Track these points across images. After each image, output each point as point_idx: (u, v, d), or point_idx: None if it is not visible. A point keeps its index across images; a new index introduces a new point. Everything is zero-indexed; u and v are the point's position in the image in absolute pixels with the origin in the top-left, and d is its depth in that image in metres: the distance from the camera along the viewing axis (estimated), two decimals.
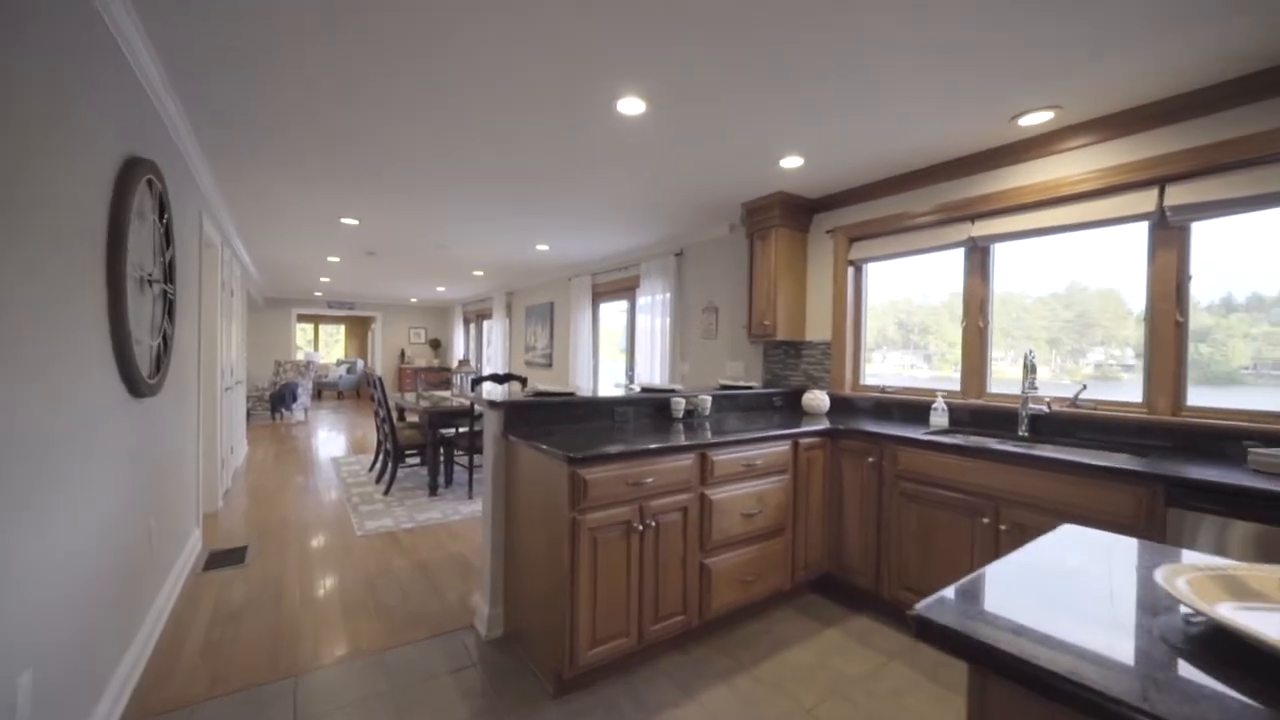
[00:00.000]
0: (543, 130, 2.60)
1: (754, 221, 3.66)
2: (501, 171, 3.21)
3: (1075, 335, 2.69)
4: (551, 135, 2.65)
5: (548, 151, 2.87)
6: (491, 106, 2.38)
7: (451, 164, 3.10)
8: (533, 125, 2.55)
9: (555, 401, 2.47)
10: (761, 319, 3.59)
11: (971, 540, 2.21)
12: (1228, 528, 1.62)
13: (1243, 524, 1.59)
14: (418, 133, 2.69)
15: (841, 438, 2.73)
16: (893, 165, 2.98)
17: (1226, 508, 1.62)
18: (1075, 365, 2.66)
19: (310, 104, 2.38)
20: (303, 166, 3.19)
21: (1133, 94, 2.15)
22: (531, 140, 2.72)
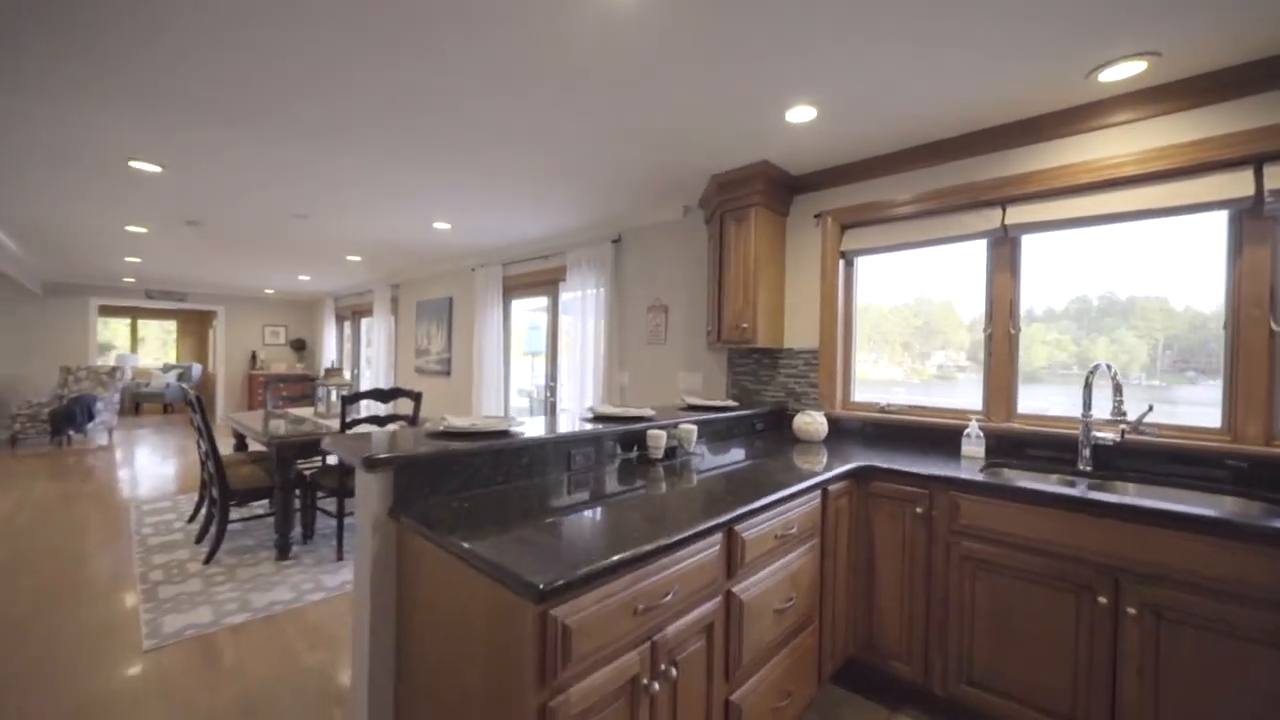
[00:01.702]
0: (467, 35, 1.63)
1: (726, 199, 2.93)
2: (391, 102, 2.15)
3: (922, 340, 2.82)
4: (479, 39, 1.69)
5: (469, 66, 1.89)
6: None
7: (308, 83, 2.00)
8: (448, 27, 1.57)
9: (480, 449, 1.52)
10: (737, 321, 2.87)
11: (1076, 626, 1.63)
12: None
13: None
14: (247, 26, 1.59)
15: (873, 479, 2.07)
16: (908, 135, 2.40)
17: None
18: (922, 366, 2.80)
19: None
20: (53, 69, 1.89)
21: (1246, 43, 1.70)
22: (444, 49, 1.74)
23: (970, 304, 2.37)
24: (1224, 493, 1.78)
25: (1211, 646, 1.43)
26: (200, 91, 2.15)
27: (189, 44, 1.82)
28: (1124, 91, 1.98)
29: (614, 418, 2.10)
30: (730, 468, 1.94)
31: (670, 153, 2.71)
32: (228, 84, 2.09)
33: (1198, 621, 1.45)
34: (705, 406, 2.68)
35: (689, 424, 2.13)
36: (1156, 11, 1.56)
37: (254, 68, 1.97)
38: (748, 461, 2.07)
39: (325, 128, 2.48)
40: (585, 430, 1.84)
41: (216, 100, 2.23)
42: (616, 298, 4.04)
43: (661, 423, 2.09)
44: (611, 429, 1.93)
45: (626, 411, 2.13)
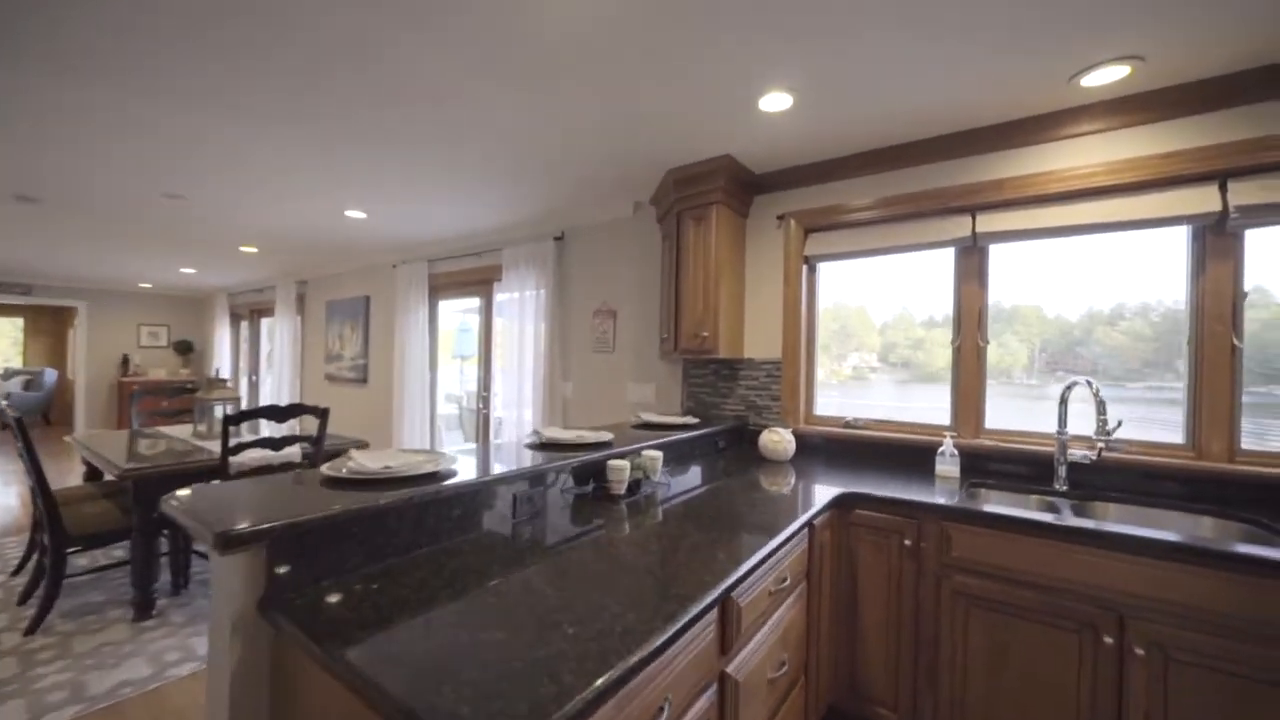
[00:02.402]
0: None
1: (684, 196, 2.68)
2: (288, 64, 1.71)
3: (839, 342, 2.86)
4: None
5: (391, 17, 1.50)
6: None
7: (179, 39, 1.51)
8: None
9: (396, 503, 1.15)
10: (696, 329, 2.62)
11: (1079, 668, 1.50)
12: None
13: None
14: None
15: (856, 508, 1.88)
16: (881, 135, 2.26)
17: None
18: (839, 368, 2.84)
19: None
20: None
21: (1224, 54, 1.66)
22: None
23: (881, 309, 2.51)
24: (1202, 513, 1.74)
25: (1222, 689, 1.34)
26: (27, 29, 1.59)
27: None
28: (1101, 99, 1.92)
29: (565, 445, 1.77)
30: (702, 500, 1.67)
31: (622, 142, 2.42)
32: (68, 24, 1.56)
33: (1208, 662, 1.35)
34: (663, 425, 2.41)
35: (653, 450, 1.85)
36: (1143, 12, 1.47)
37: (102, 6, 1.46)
38: (719, 490, 1.81)
39: (203, 89, 1.97)
40: (532, 466, 1.50)
41: (55, 44, 1.68)
42: (559, 300, 3.69)
43: (622, 450, 1.79)
44: (564, 460, 1.60)
45: (581, 437, 1.81)
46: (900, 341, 2.40)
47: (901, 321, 2.39)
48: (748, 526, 1.42)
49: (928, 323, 2.31)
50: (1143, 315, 2.11)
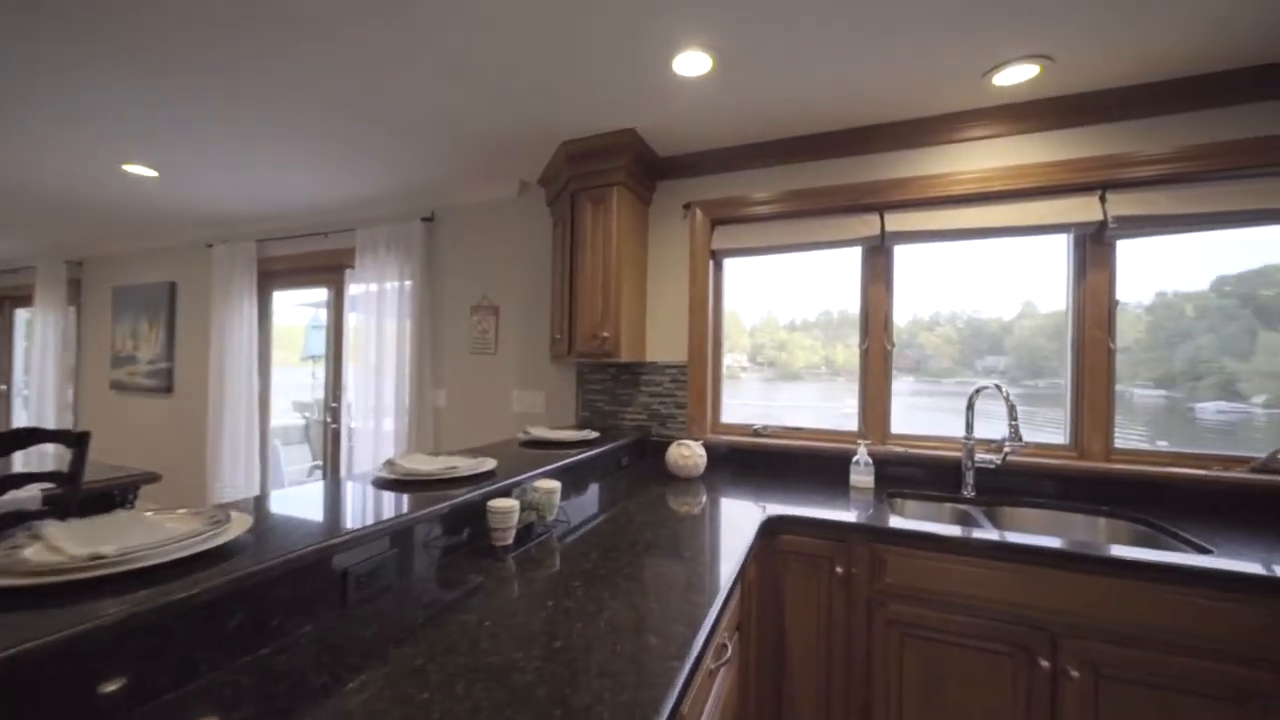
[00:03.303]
0: None
1: (581, 174, 2.32)
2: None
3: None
4: None
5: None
6: None
7: None
8: None
9: (102, 629, 0.65)
10: (594, 329, 2.27)
11: (1014, 693, 1.41)
12: None
13: None
14: None
15: (783, 533, 1.66)
16: (796, 121, 2.10)
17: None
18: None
19: None
20: None
21: (1134, 65, 1.70)
22: None
23: (750, 312, 2.54)
24: (1097, 514, 1.78)
25: (1143, 701, 1.30)
26: None
27: None
28: (1009, 101, 1.91)
29: (429, 481, 1.32)
30: (612, 542, 1.33)
31: (509, 105, 2.00)
32: None
33: (1134, 677, 1.30)
34: (558, 442, 2.03)
35: (549, 481, 1.46)
36: (1048, 10, 1.42)
37: None
38: (629, 523, 1.48)
39: None
40: (375, 525, 1.04)
41: None
42: (429, 293, 3.12)
43: (509, 484, 1.38)
44: (429, 507, 1.16)
45: (450, 468, 1.37)
46: (767, 343, 2.45)
47: (768, 325, 2.46)
48: (677, 583, 1.11)
49: (789, 326, 2.43)
50: (962, 319, 2.21)
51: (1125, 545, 1.66)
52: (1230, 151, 1.74)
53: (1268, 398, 1.84)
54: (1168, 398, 1.97)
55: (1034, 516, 1.84)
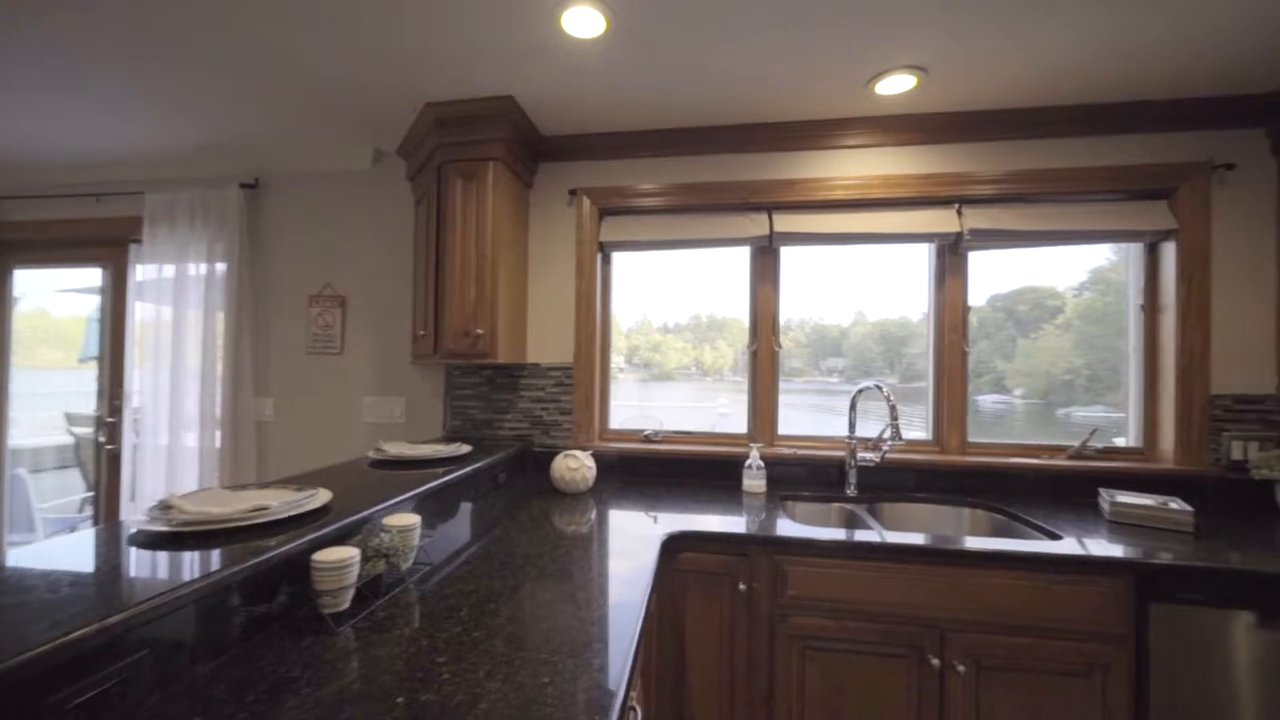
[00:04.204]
0: None
1: (450, 144, 1.99)
2: None
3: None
4: None
5: None
6: None
7: None
8: None
9: None
10: (467, 326, 1.96)
11: (905, 694, 1.40)
12: (1220, 621, 1.30)
13: (1227, 613, 1.30)
14: None
15: (683, 550, 1.51)
16: (691, 109, 1.99)
17: (1210, 596, 1.30)
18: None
19: None
20: None
21: (997, 90, 1.82)
22: None
23: (627, 314, 2.47)
24: (962, 505, 1.90)
25: (1018, 686, 1.36)
26: None
27: None
28: (890, 112, 1.98)
29: (228, 530, 0.94)
30: (491, 587, 1.07)
31: (362, 52, 1.62)
32: None
33: (1012, 663, 1.36)
34: (419, 460, 1.69)
35: (406, 516, 1.15)
36: (925, 22, 1.47)
37: None
38: (510, 558, 1.23)
39: None
40: (105, 623, 0.68)
41: None
42: (251, 279, 2.52)
43: (347, 524, 1.05)
44: (227, 568, 0.81)
45: (258, 510, 1.00)
46: (642, 345, 2.46)
47: (644, 327, 2.47)
48: (574, 640, 0.89)
49: (663, 329, 2.47)
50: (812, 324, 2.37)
51: (989, 535, 1.80)
52: (1057, 178, 1.96)
53: (1024, 391, 2.16)
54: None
55: (913, 512, 1.92)
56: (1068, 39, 1.55)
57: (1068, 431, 2.11)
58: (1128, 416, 2.07)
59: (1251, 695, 1.28)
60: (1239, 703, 1.28)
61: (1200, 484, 1.82)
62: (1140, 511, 1.60)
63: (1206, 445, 1.86)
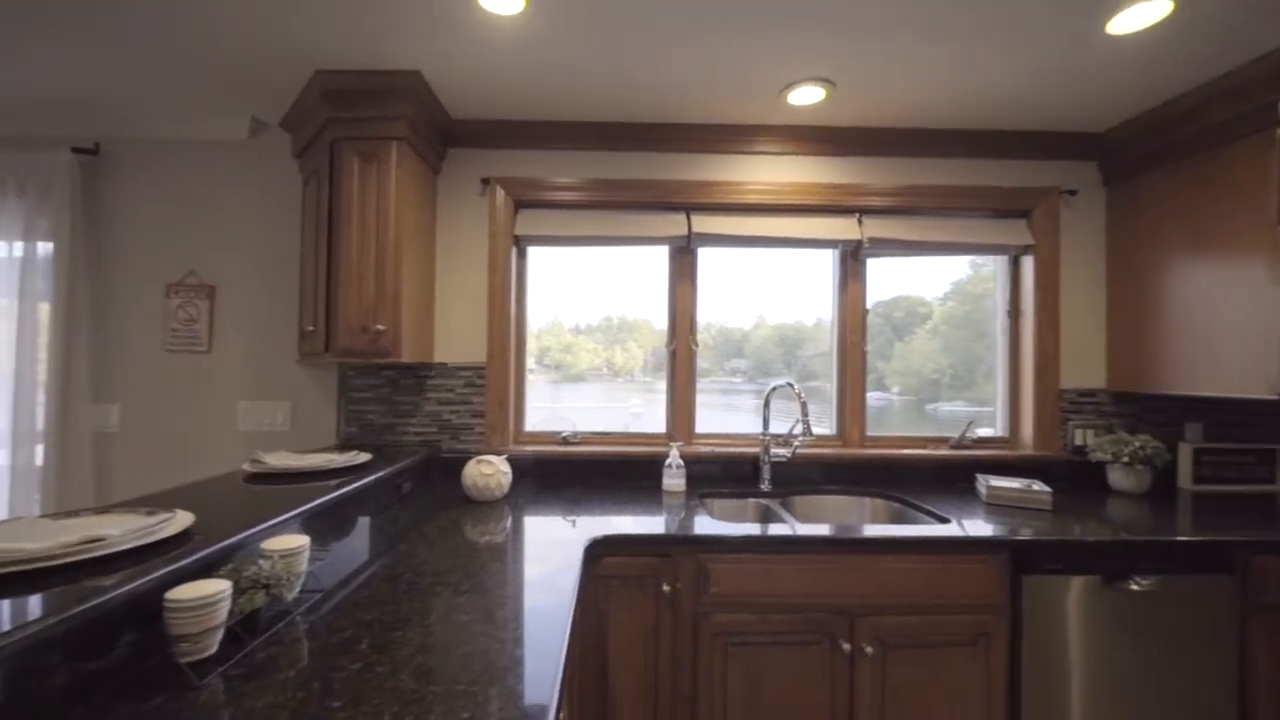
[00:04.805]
0: None
1: (347, 119, 1.79)
2: None
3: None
4: None
5: None
6: None
7: None
8: None
9: None
10: (365, 321, 1.77)
11: (818, 679, 1.46)
12: (1076, 586, 1.48)
13: (1080, 579, 1.49)
14: None
15: (606, 555, 1.46)
16: (611, 102, 1.95)
17: (1068, 565, 1.49)
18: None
19: None
20: None
21: (894, 109, 1.96)
22: None
23: (537, 315, 2.38)
24: (864, 494, 2.03)
25: (921, 662, 1.47)
26: None
27: None
28: (803, 122, 2.07)
29: (47, 570, 0.75)
30: (394, 614, 0.96)
31: (237, 1, 1.40)
32: None
33: (912, 641, 1.47)
34: (307, 472, 1.49)
35: (291, 538, 1.00)
36: (832, 36, 1.55)
37: None
38: (418, 577, 1.12)
39: None
40: None
41: None
42: (86, 262, 2.10)
43: (209, 552, 0.88)
44: (40, 621, 0.63)
45: (88, 540, 0.81)
46: (553, 345, 2.43)
47: (555, 328, 2.45)
48: (493, 667, 0.81)
49: (574, 330, 2.46)
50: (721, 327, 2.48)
51: (888, 522, 1.93)
52: (941, 194, 2.16)
53: (900, 388, 2.42)
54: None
55: (822, 504, 2.03)
56: (951, 71, 1.70)
57: (936, 424, 2.35)
58: (996, 409, 2.33)
59: (1102, 645, 1.47)
60: (1092, 653, 1.47)
61: (1054, 466, 2.09)
62: (1010, 493, 1.80)
63: (1058, 433, 2.15)
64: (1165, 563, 1.48)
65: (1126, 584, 1.47)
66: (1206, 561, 1.49)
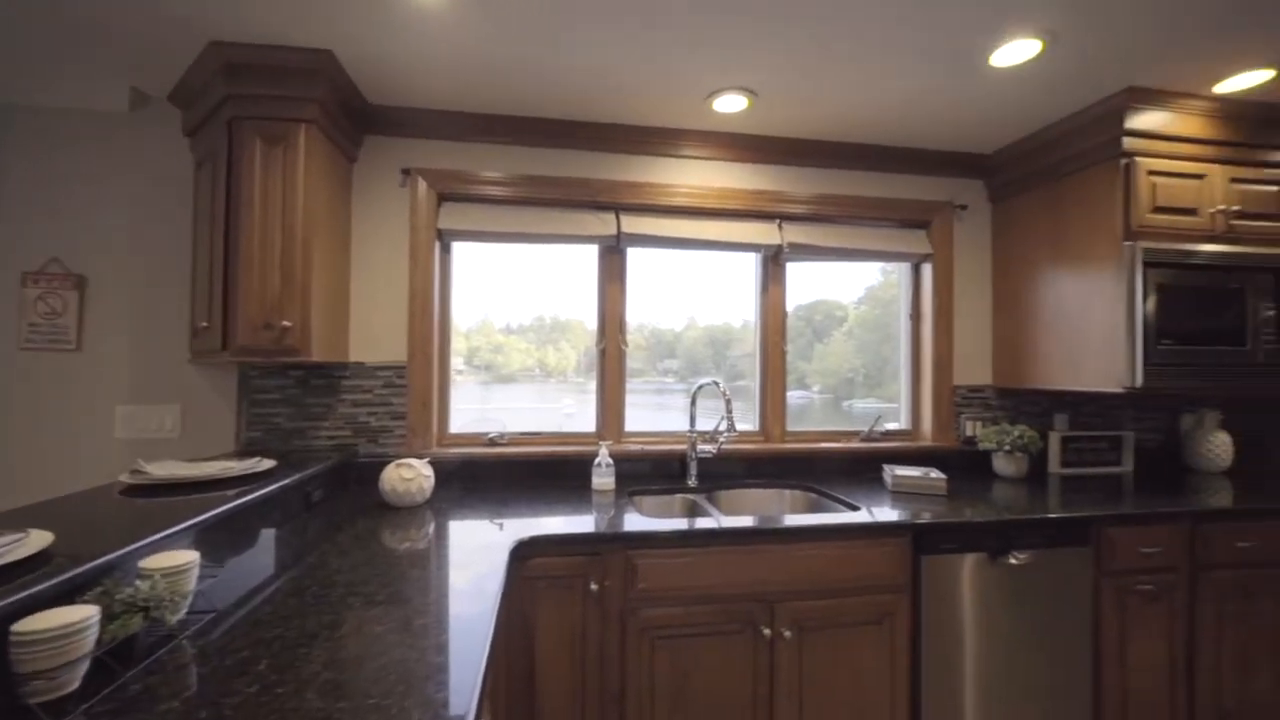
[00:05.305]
0: None
1: (247, 98, 1.64)
2: None
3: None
4: None
5: None
6: None
7: None
8: None
9: None
10: (269, 317, 1.64)
11: (744, 666, 1.52)
12: (966, 564, 1.64)
13: (970, 556, 1.65)
14: None
15: (532, 556, 1.44)
16: (543, 97, 1.92)
17: (960, 545, 1.64)
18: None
19: None
20: None
21: (812, 122, 2.07)
22: None
23: (466, 314, 2.31)
24: (785, 487, 2.13)
25: (833, 642, 1.57)
26: None
27: None
28: (727, 130, 2.14)
29: None
30: (300, 629, 0.90)
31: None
32: None
33: (827, 622, 1.56)
34: (198, 482, 1.35)
35: (178, 554, 0.91)
36: (754, 51, 1.62)
37: None
38: (330, 590, 1.05)
39: None
40: None
41: None
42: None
43: (71, 575, 0.78)
44: None
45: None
46: (483, 345, 2.39)
47: (485, 327, 2.40)
48: (412, 677, 0.78)
49: (505, 330, 2.43)
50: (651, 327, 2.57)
51: (805, 511, 2.04)
52: (854, 204, 2.32)
53: (820, 387, 2.60)
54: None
55: (745, 497, 2.11)
56: (861, 89, 1.83)
57: (851, 420, 2.52)
58: (899, 405, 2.53)
59: (989, 615, 1.64)
60: (981, 622, 1.64)
61: (949, 456, 2.30)
62: (911, 481, 1.96)
63: (952, 425, 2.36)
64: (1037, 538, 1.67)
65: (1007, 558, 1.65)
66: (1069, 535, 1.70)
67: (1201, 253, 1.91)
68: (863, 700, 1.57)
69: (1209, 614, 1.76)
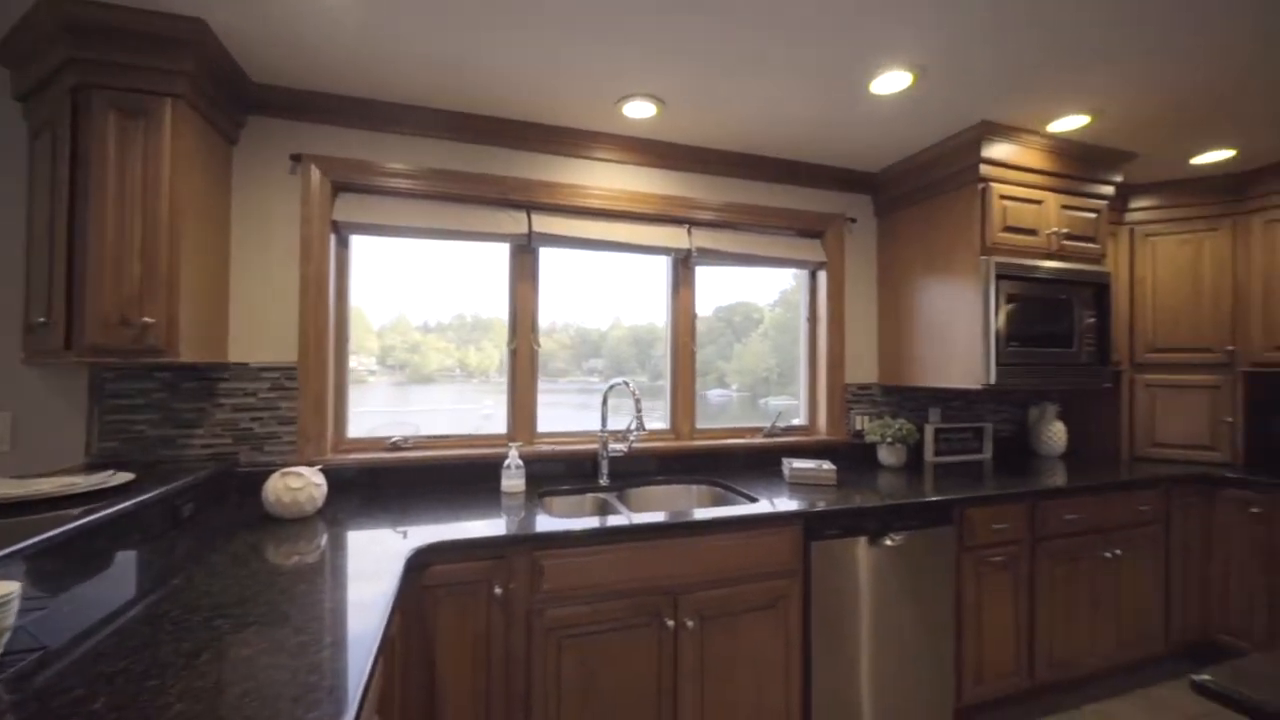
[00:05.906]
0: None
1: (99, 66, 1.44)
2: None
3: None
4: None
5: None
6: None
7: None
8: None
9: None
10: (127, 311, 1.46)
11: (650, 658, 1.57)
12: (849, 547, 1.79)
13: (853, 540, 1.80)
14: None
15: (432, 564, 1.40)
16: (455, 87, 1.86)
17: (844, 529, 1.79)
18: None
19: None
20: None
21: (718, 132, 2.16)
22: None
23: (380, 311, 2.23)
24: (693, 482, 2.22)
25: (732, 629, 1.66)
26: None
27: None
28: (636, 134, 2.18)
29: None
30: (153, 659, 0.82)
31: None
32: None
33: (726, 609, 1.65)
34: (32, 501, 1.18)
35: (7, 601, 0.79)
36: (660, 59, 1.68)
37: None
38: (195, 611, 0.96)
39: None
40: None
41: None
42: None
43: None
44: None
45: None
46: (398, 344, 2.30)
47: (400, 325, 2.30)
48: (283, 698, 0.73)
49: (423, 328, 2.35)
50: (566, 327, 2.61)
51: (710, 505, 2.13)
52: (757, 213, 2.45)
53: (738, 385, 2.75)
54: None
55: (655, 494, 2.17)
56: (761, 103, 1.94)
57: (766, 416, 2.66)
58: (800, 402, 2.71)
59: (870, 593, 1.81)
60: (864, 600, 1.80)
61: (841, 448, 2.50)
62: (806, 473, 2.11)
63: (844, 420, 2.57)
64: (910, 520, 1.87)
65: (884, 540, 1.83)
66: (937, 517, 1.91)
67: (1041, 268, 2.22)
68: (760, 679, 1.68)
69: (1044, 578, 2.05)
